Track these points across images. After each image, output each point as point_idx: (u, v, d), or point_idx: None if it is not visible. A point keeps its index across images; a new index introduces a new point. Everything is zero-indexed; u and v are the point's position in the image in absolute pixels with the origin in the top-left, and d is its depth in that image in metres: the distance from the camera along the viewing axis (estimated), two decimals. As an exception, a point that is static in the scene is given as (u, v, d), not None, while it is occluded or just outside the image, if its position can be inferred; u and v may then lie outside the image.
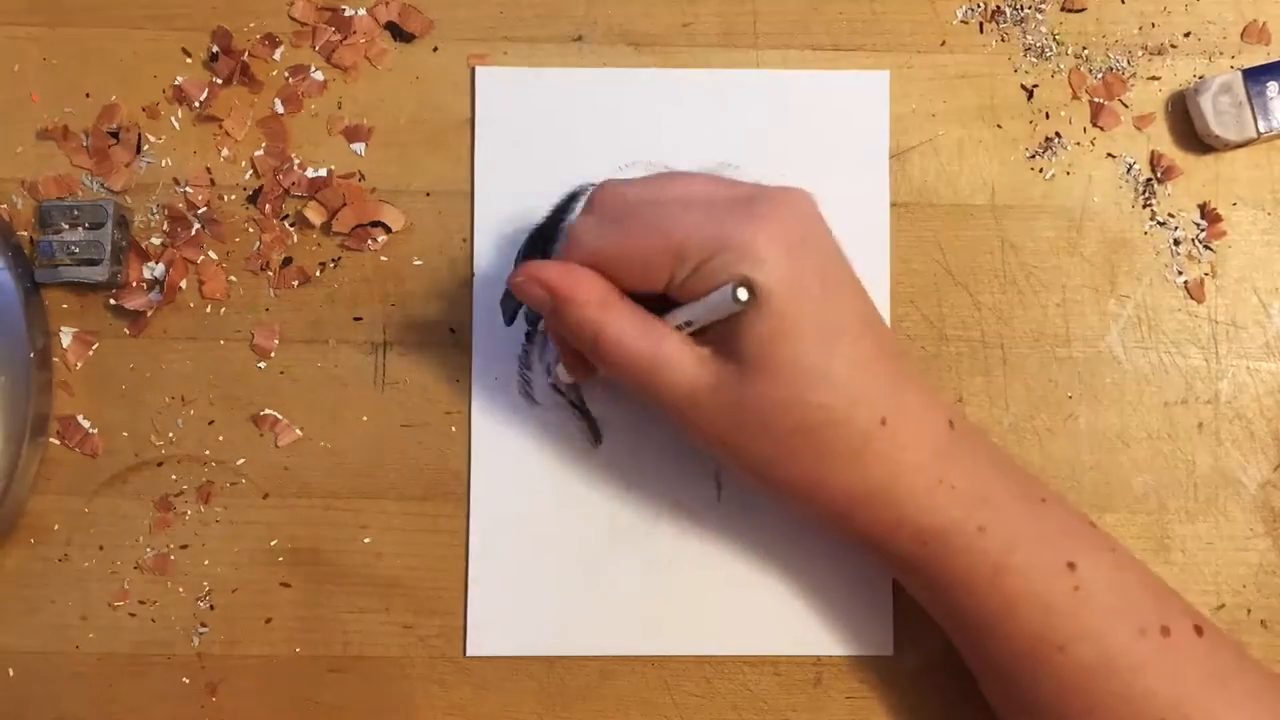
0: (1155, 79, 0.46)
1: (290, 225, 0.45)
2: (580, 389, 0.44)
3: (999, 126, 0.46)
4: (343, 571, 0.44)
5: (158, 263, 0.45)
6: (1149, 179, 0.46)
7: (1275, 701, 0.37)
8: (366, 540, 0.44)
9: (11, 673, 0.43)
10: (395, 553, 0.44)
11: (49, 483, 0.44)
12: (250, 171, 0.45)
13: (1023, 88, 0.46)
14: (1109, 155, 0.46)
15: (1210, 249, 0.46)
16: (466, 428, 0.44)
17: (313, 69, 0.45)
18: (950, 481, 0.37)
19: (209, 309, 0.45)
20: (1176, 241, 0.46)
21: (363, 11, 0.46)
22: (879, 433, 0.36)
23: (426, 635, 0.44)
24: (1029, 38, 0.46)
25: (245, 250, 0.45)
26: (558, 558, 0.44)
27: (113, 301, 0.44)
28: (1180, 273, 0.45)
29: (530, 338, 0.45)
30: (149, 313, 0.44)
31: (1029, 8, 0.46)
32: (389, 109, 0.45)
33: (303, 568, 0.44)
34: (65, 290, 0.45)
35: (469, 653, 0.44)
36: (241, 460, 0.44)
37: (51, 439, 0.44)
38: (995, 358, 0.45)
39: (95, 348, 0.45)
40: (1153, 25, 0.46)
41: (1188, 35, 0.46)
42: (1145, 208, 0.46)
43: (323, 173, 0.45)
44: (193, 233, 0.45)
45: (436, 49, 0.46)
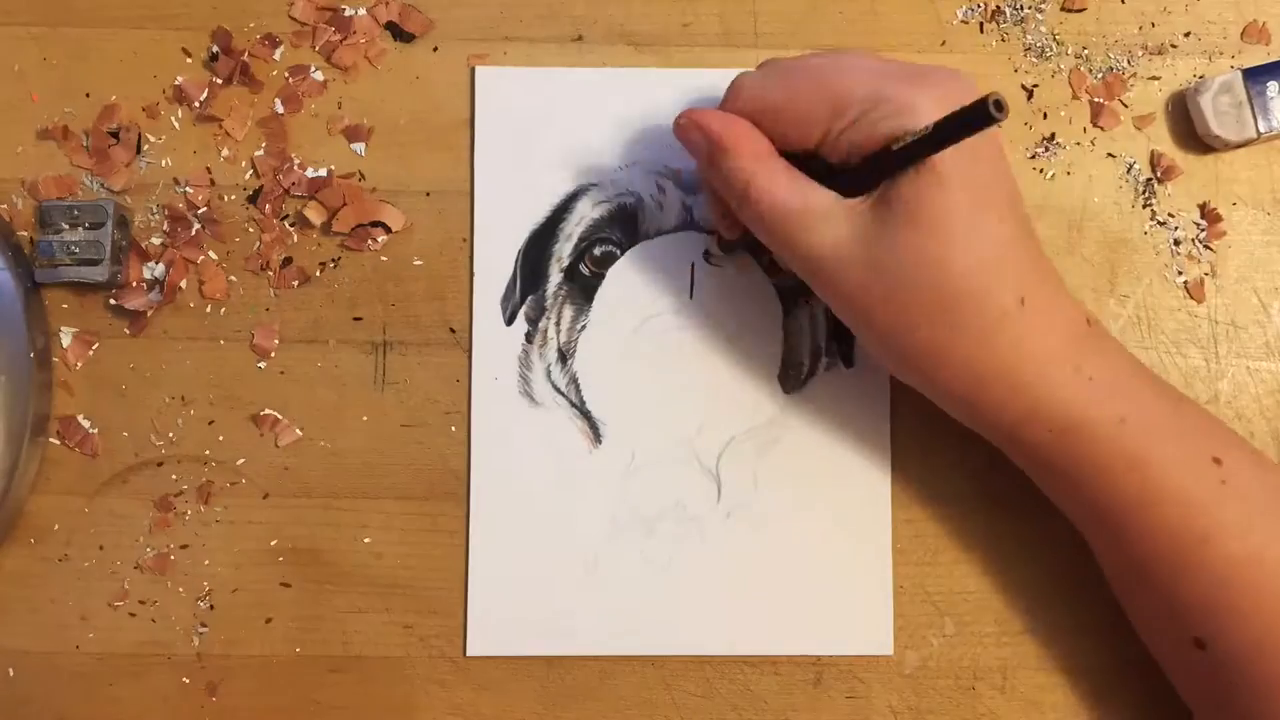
0: (1155, 79, 0.46)
1: (290, 225, 0.45)
2: (580, 389, 0.44)
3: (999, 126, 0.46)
4: (343, 571, 0.44)
5: (158, 263, 0.45)
6: (1149, 179, 0.46)
7: None
8: (366, 540, 0.44)
9: (11, 673, 0.43)
10: (395, 553, 0.44)
11: (49, 483, 0.44)
12: (250, 171, 0.45)
13: (1023, 88, 0.46)
14: (1109, 155, 0.46)
15: (1210, 249, 0.46)
16: (466, 428, 0.44)
17: (313, 69, 0.45)
18: (1088, 372, 0.37)
19: (209, 309, 0.45)
20: (1176, 241, 0.46)
21: (363, 11, 0.46)
22: (1016, 312, 0.36)
23: (426, 635, 0.44)
24: (1029, 38, 0.46)
25: (245, 250, 0.45)
26: (558, 558, 0.44)
27: (113, 301, 0.44)
28: (1180, 273, 0.45)
29: (530, 338, 0.45)
30: (149, 313, 0.44)
31: (1029, 8, 0.46)
32: (389, 109, 0.45)
33: (303, 568, 0.44)
34: (65, 290, 0.45)
35: (469, 653, 0.44)
36: (241, 460, 0.44)
37: (51, 439, 0.44)
38: (995, 358, 0.45)
39: (95, 348, 0.45)
40: (1153, 25, 0.46)
41: (1188, 35, 0.46)
42: (1145, 208, 0.46)
43: (323, 173, 0.45)
44: (193, 233, 0.45)
45: (436, 49, 0.46)
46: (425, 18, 0.46)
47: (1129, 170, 0.46)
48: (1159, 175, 0.46)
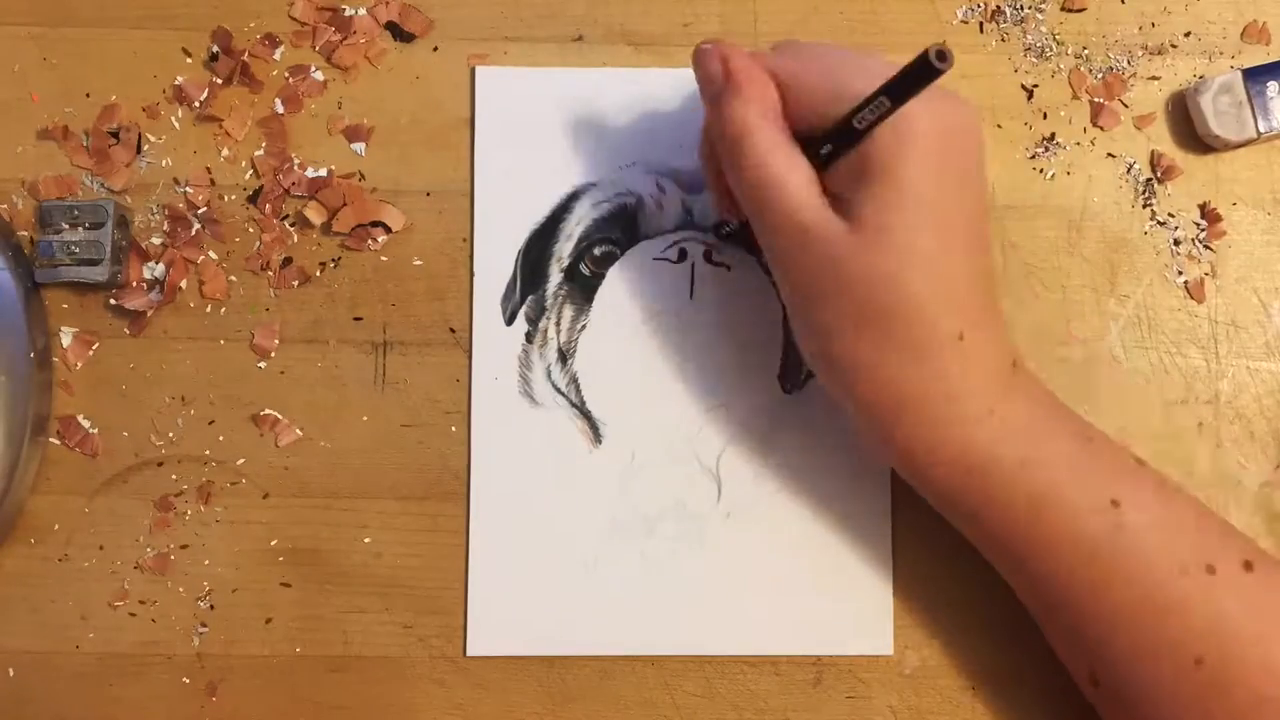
0: (1155, 79, 0.46)
1: (290, 225, 0.45)
2: (580, 389, 0.44)
3: (999, 126, 0.46)
4: (343, 571, 0.44)
5: (158, 263, 0.45)
6: (1149, 179, 0.46)
7: None
8: (366, 540, 0.44)
9: (11, 673, 0.43)
10: (395, 553, 0.44)
11: (49, 483, 0.44)
12: (250, 171, 0.45)
13: (1023, 88, 0.46)
14: (1109, 155, 0.46)
15: (1210, 249, 0.46)
16: (466, 428, 0.44)
17: (313, 69, 0.45)
18: (1000, 414, 0.37)
19: (209, 309, 0.45)
20: (1176, 241, 0.46)
21: (363, 11, 0.46)
22: (952, 346, 0.36)
23: (426, 635, 0.44)
24: (1029, 38, 0.46)
25: (245, 250, 0.45)
26: (558, 558, 0.44)
27: (113, 301, 0.44)
28: (1180, 273, 0.45)
29: (530, 338, 0.45)
30: (149, 313, 0.44)
31: (1029, 8, 0.46)
32: (389, 109, 0.46)
33: (303, 568, 0.44)
34: (65, 290, 0.45)
35: (469, 653, 0.44)
36: (241, 460, 0.44)
37: (51, 439, 0.44)
38: (995, 358, 0.45)
39: (95, 348, 0.45)
40: (1153, 25, 0.46)
41: (1188, 35, 0.46)
42: (1145, 208, 0.46)
43: (323, 173, 0.45)
44: (193, 233, 0.45)
45: (436, 49, 0.46)
46: (425, 18, 0.46)
47: (1129, 170, 0.46)
48: (1159, 175, 0.46)
